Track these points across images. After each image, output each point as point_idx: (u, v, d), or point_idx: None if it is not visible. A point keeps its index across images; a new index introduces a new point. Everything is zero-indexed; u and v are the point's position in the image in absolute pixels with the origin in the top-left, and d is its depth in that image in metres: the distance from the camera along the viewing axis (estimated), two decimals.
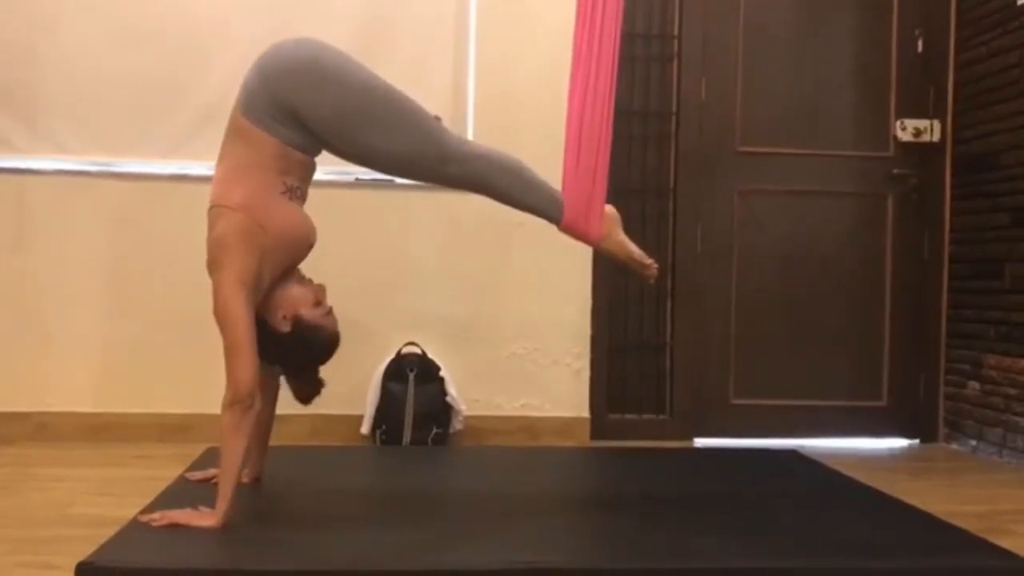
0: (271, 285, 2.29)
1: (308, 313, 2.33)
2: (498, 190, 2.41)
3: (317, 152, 2.40)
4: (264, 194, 2.27)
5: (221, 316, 2.20)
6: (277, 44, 2.37)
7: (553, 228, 2.50)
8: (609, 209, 2.47)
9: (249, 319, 2.20)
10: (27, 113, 3.52)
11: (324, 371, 3.56)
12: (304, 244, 2.38)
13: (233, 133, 2.32)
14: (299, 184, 2.36)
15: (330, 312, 2.38)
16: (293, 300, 2.32)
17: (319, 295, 2.37)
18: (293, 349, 2.34)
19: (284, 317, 2.31)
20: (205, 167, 3.54)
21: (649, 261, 2.52)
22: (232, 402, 2.16)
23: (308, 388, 2.42)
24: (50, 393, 3.50)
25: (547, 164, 3.59)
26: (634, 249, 2.51)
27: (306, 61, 2.31)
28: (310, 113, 2.28)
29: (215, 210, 2.29)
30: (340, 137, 2.33)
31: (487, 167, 2.39)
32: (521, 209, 2.48)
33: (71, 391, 3.51)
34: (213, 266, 2.23)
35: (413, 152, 2.34)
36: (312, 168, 2.41)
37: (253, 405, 2.20)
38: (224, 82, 3.57)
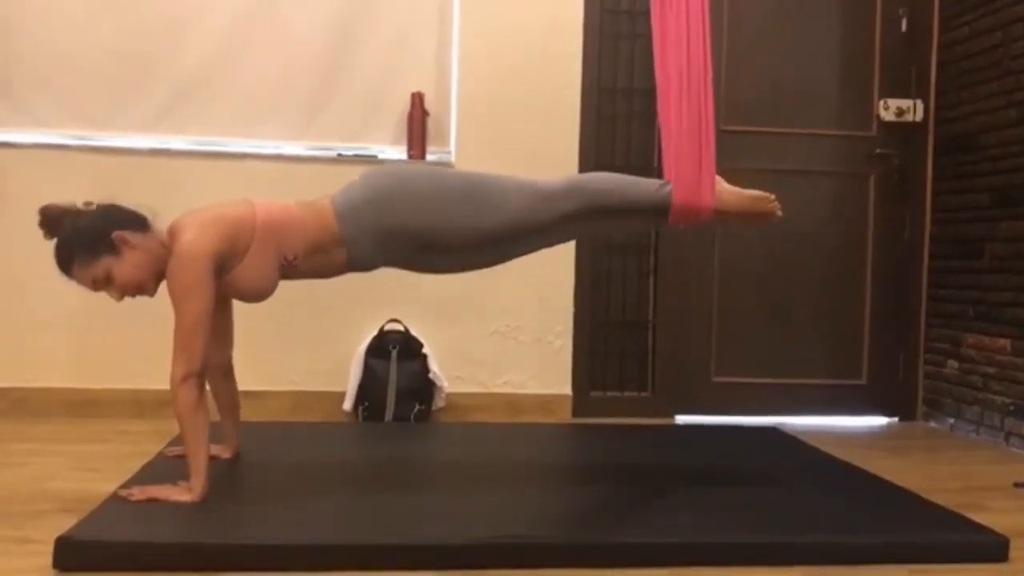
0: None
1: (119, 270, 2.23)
2: (611, 201, 2.35)
3: (367, 267, 2.39)
4: (275, 244, 2.26)
5: (189, 284, 2.15)
6: (385, 168, 2.39)
7: None
8: None
9: (213, 294, 2.19)
10: (3, 86, 3.48)
11: (306, 347, 3.57)
12: (242, 297, 2.36)
13: (314, 204, 2.30)
14: (304, 270, 2.33)
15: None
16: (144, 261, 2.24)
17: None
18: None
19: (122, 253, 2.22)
20: (183, 141, 3.55)
21: (768, 195, 2.41)
22: (187, 376, 2.14)
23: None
24: (28, 368, 3.47)
25: (533, 137, 3.60)
26: (750, 191, 2.40)
27: (417, 185, 2.29)
28: (433, 229, 2.28)
29: (242, 201, 2.29)
30: (460, 235, 2.30)
31: (587, 184, 2.35)
32: (634, 213, 2.42)
33: (49, 367, 3.48)
34: (195, 226, 2.20)
35: (525, 209, 2.30)
36: (333, 274, 2.39)
37: (205, 379, 2.21)
38: (202, 56, 3.56)
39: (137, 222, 2.27)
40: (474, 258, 2.41)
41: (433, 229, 2.29)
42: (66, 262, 2.22)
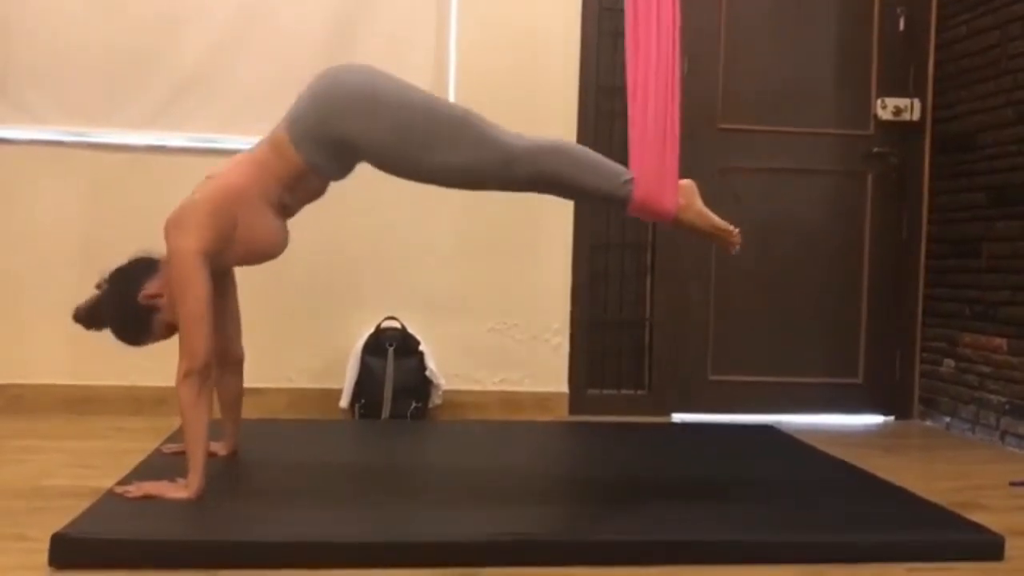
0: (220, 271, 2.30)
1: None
2: (566, 180, 2.32)
3: (340, 178, 2.41)
4: (257, 196, 2.28)
5: (182, 283, 2.18)
6: (334, 70, 2.36)
7: (531, 200, 2.48)
8: (685, 181, 2.39)
9: (208, 289, 2.19)
10: (0, 83, 3.46)
11: (303, 344, 3.57)
12: (266, 255, 2.38)
13: (268, 140, 2.34)
14: (294, 204, 2.37)
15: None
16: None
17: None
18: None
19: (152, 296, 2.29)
20: (181, 138, 3.54)
21: (733, 228, 2.43)
22: (189, 373, 2.15)
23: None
24: (25, 365, 3.47)
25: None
26: (715, 219, 2.41)
27: (363, 92, 2.28)
28: (369, 142, 2.27)
29: (208, 180, 2.30)
30: (404, 161, 2.29)
31: (553, 157, 2.31)
32: (590, 197, 2.43)
33: (47, 363, 3.48)
34: (176, 226, 2.21)
35: (476, 160, 2.27)
36: (319, 194, 2.42)
37: (210, 376, 2.20)
38: (200, 53, 3.55)
39: (145, 271, 2.31)
40: (431, 181, 2.35)
41: (384, 149, 2.27)
42: (135, 344, 2.33)
